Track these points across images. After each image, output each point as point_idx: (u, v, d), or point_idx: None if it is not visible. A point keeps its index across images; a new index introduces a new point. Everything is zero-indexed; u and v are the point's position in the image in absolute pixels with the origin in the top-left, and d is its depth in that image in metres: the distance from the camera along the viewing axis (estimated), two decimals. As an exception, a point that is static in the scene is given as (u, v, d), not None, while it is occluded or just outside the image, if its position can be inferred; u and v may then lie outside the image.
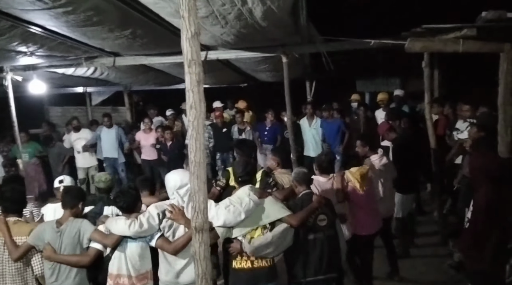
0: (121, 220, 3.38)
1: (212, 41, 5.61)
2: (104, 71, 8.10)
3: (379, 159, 5.01)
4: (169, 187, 3.50)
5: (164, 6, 4.04)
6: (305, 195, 3.88)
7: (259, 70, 8.98)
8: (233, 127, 8.74)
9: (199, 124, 2.61)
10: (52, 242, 3.46)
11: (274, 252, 3.54)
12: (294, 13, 4.88)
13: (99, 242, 3.43)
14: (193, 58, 2.50)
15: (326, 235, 3.77)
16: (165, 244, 3.32)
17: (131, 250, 3.37)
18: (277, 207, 3.61)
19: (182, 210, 3.37)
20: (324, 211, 3.80)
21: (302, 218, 3.62)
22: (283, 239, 3.54)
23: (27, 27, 4.74)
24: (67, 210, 3.59)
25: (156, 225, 3.33)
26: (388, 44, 5.58)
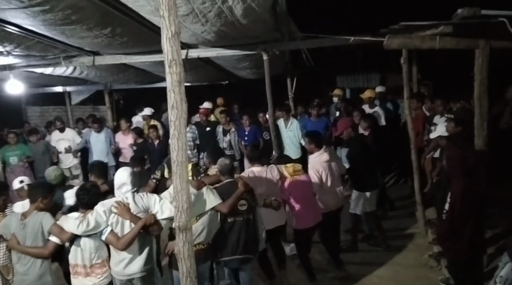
0: (71, 220, 3.66)
1: (193, 39, 5.59)
2: (83, 70, 7.98)
3: (319, 156, 5.18)
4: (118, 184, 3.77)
5: (143, 4, 4.01)
6: (229, 183, 4.22)
7: (240, 67, 8.98)
8: (218, 127, 8.58)
9: (181, 124, 2.61)
10: (17, 233, 3.75)
11: (206, 238, 3.94)
12: (274, 11, 4.90)
13: (56, 235, 3.69)
14: (173, 58, 2.49)
15: (245, 219, 4.15)
16: (114, 240, 3.60)
17: (85, 244, 3.66)
18: (212, 196, 3.97)
19: (127, 206, 3.65)
20: (245, 197, 4.16)
21: (231, 205, 4.01)
22: (211, 225, 3.96)
23: (3, 26, 4.66)
24: (32, 204, 3.84)
25: (103, 222, 3.61)
26: (367, 41, 5.66)
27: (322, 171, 5.10)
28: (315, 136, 5.44)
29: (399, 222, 6.69)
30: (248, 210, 4.17)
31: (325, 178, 5.12)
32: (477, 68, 4.13)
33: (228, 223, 4.10)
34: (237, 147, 8.30)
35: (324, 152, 5.21)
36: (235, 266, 4.25)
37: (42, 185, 4.16)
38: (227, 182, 4.25)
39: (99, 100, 12.27)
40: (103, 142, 8.57)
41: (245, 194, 4.15)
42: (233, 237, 4.09)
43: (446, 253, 4.18)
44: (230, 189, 4.12)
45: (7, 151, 8.04)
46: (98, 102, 12.42)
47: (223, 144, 8.41)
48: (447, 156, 4.03)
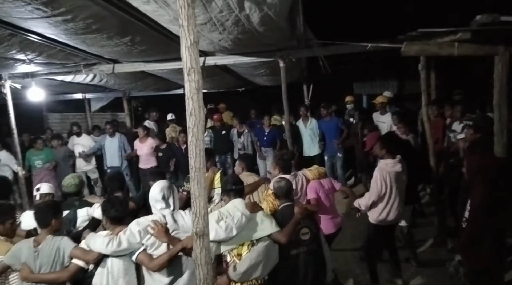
0: (100, 238, 3.28)
1: (210, 47, 5.65)
2: (103, 78, 8.12)
3: (392, 164, 4.76)
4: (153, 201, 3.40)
5: (162, 14, 4.08)
6: (285, 207, 3.73)
7: (257, 74, 9.03)
8: (232, 130, 9.16)
9: (199, 131, 2.64)
10: (29, 261, 3.34)
11: (263, 273, 3.35)
12: (291, 18, 4.93)
13: (80, 259, 3.32)
14: (192, 66, 2.53)
15: (309, 249, 3.64)
16: (146, 260, 3.19)
17: (113, 266, 3.26)
18: (267, 222, 3.46)
19: (164, 227, 3.25)
20: (306, 224, 3.67)
21: (290, 233, 3.47)
22: (268, 257, 3.37)
23: (26, 35, 4.75)
24: (43, 229, 3.46)
25: (136, 243, 3.21)
26: (384, 48, 5.64)
27: (388, 181, 4.71)
28: (389, 142, 4.99)
29: (417, 230, 6.59)
30: (311, 239, 3.66)
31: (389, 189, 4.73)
32: (496, 75, 4.09)
33: (292, 256, 3.57)
34: (249, 147, 8.89)
35: (398, 162, 4.75)
36: None
37: (48, 206, 3.64)
38: (284, 206, 3.74)
39: (117, 107, 12.47)
40: (116, 147, 8.78)
41: (305, 220, 3.66)
42: (300, 271, 3.57)
43: (465, 261, 4.12)
44: (289, 215, 3.61)
45: (33, 155, 8.44)
46: (117, 109, 12.61)
47: (238, 145, 8.99)
48: (467, 164, 3.99)
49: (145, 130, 8.90)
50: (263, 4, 3.81)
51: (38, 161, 8.40)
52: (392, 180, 4.72)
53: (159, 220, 3.29)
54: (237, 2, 3.72)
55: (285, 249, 3.50)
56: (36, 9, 3.74)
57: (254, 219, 3.42)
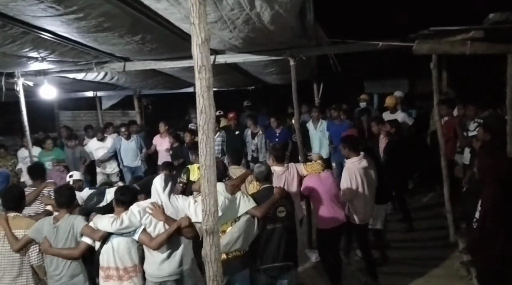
0: (105, 218, 3.77)
1: (221, 45, 5.66)
2: (114, 76, 8.18)
3: (358, 161, 4.98)
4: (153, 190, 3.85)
5: (173, 12, 4.09)
6: (265, 189, 4.22)
7: (267, 73, 9.02)
8: (246, 131, 8.96)
9: (209, 128, 2.65)
10: (49, 236, 3.88)
11: (243, 245, 3.87)
12: (301, 16, 4.92)
13: (88, 236, 3.82)
14: (203, 64, 2.54)
15: (284, 225, 4.09)
16: (147, 239, 3.67)
17: (118, 244, 3.73)
18: (245, 201, 3.96)
19: (161, 208, 3.73)
20: (283, 203, 4.13)
21: (265, 209, 3.97)
22: (248, 231, 3.88)
23: (39, 33, 4.80)
24: (62, 209, 4.02)
25: (137, 221, 3.68)
26: (396, 46, 5.60)
27: (359, 178, 4.90)
28: (350, 140, 5.26)
29: (428, 231, 6.56)
30: (287, 217, 4.13)
31: (361, 186, 4.91)
32: (509, 74, 4.05)
33: (268, 230, 4.06)
34: (263, 149, 8.54)
35: (363, 158, 5.00)
36: (275, 274, 4.16)
37: (70, 190, 4.32)
38: (264, 187, 4.25)
39: (128, 105, 12.57)
40: (134, 149, 8.78)
41: (283, 200, 4.13)
42: (273, 244, 4.04)
43: (476, 263, 4.08)
44: (266, 195, 4.11)
45: (43, 156, 8.33)
46: (127, 107, 12.72)
47: (252, 146, 8.73)
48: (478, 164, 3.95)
49: (166, 126, 8.92)
50: (274, 2, 3.81)
51: (48, 162, 8.18)
52: (362, 177, 4.91)
53: (157, 202, 3.77)
54: (248, 0, 3.72)
55: (262, 224, 4.02)
56: (49, 7, 3.78)
57: (235, 200, 3.92)
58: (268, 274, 4.13)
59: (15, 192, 4.34)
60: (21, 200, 4.31)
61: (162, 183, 3.83)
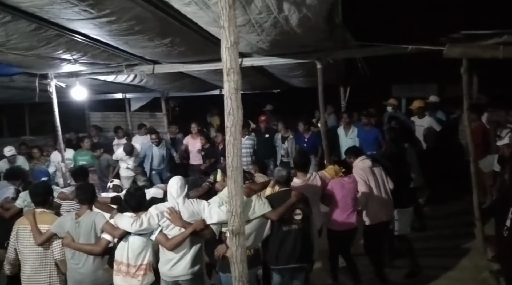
0: (126, 218, 3.91)
1: (248, 48, 5.71)
2: (143, 78, 8.34)
3: (361, 161, 5.15)
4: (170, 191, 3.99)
5: (202, 16, 4.16)
6: (283, 192, 4.31)
7: (293, 76, 9.02)
8: (277, 135, 8.82)
9: (236, 130, 2.68)
10: (71, 231, 4.01)
11: (254, 243, 4.02)
12: (329, 19, 4.91)
13: (108, 233, 3.96)
14: (231, 67, 2.58)
15: (300, 228, 4.18)
16: (163, 240, 3.83)
17: (133, 242, 3.88)
18: (261, 203, 4.07)
19: (179, 214, 3.87)
20: (300, 207, 4.20)
21: (281, 213, 4.08)
22: (259, 230, 4.03)
23: (72, 36, 4.95)
24: (84, 205, 4.17)
25: (155, 224, 3.85)
26: (425, 50, 5.51)
27: (367, 177, 5.03)
28: (352, 150, 5.54)
29: (456, 238, 6.41)
30: (303, 220, 4.20)
31: (371, 184, 5.03)
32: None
33: (284, 231, 4.15)
34: (293, 154, 8.37)
35: (365, 158, 5.21)
36: (290, 274, 4.28)
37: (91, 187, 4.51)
38: (281, 191, 4.34)
39: (155, 107, 12.75)
40: (163, 156, 8.86)
41: (299, 204, 4.20)
42: (289, 246, 4.13)
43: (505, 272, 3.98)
44: (283, 198, 4.19)
45: (79, 155, 8.58)
46: (155, 109, 12.90)
47: (281, 151, 8.61)
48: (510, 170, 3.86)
49: (199, 127, 9.02)
50: (302, 5, 3.82)
51: (82, 162, 8.36)
52: (368, 175, 5.03)
53: (173, 206, 3.90)
54: (276, 4, 3.75)
55: (278, 225, 4.13)
56: (83, 11, 3.90)
57: (250, 202, 4.01)
58: (283, 274, 4.25)
59: (42, 188, 4.49)
60: (47, 195, 4.40)
61: (178, 189, 3.96)
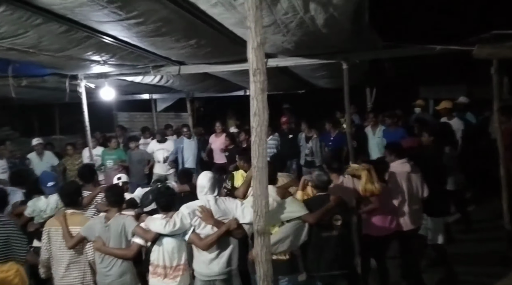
0: (158, 220, 3.85)
1: (273, 49, 5.71)
2: (169, 79, 8.44)
3: (400, 165, 4.97)
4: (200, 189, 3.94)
5: (228, 17, 4.19)
6: (320, 196, 4.20)
7: (317, 76, 8.96)
8: (300, 134, 8.91)
9: (262, 131, 2.70)
10: (101, 235, 3.96)
11: (290, 247, 3.90)
12: (355, 19, 4.86)
13: (140, 236, 3.91)
14: (258, 67, 2.59)
15: (340, 234, 4.07)
16: (197, 240, 3.77)
17: (167, 244, 3.82)
18: (297, 206, 3.99)
19: (210, 212, 3.80)
20: (339, 212, 4.10)
21: (319, 217, 3.96)
22: (296, 234, 3.91)
23: (101, 38, 5.04)
24: (114, 208, 4.11)
25: (187, 223, 3.78)
26: (454, 50, 5.40)
27: (401, 182, 4.89)
28: (395, 147, 5.26)
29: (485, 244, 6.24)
30: (343, 225, 4.11)
31: (404, 191, 4.88)
32: None
33: (323, 238, 4.05)
34: (318, 153, 8.45)
35: (406, 162, 4.99)
36: (331, 281, 4.15)
37: (122, 190, 4.49)
38: (319, 195, 4.24)
39: (181, 107, 12.91)
40: (194, 149, 8.94)
41: (338, 209, 4.10)
42: (329, 252, 4.03)
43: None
44: (321, 202, 4.10)
45: (106, 154, 8.77)
46: (180, 109, 13.06)
47: (306, 150, 8.66)
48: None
49: (223, 126, 9.11)
50: (328, 5, 3.80)
51: (109, 161, 8.59)
52: (403, 181, 4.86)
53: (204, 205, 3.83)
54: (302, 4, 3.74)
55: (317, 231, 4.01)
56: (112, 13, 3.97)
57: (284, 204, 3.95)
58: (324, 281, 4.11)
59: (71, 188, 4.46)
60: (77, 195, 4.36)
61: (209, 186, 3.89)
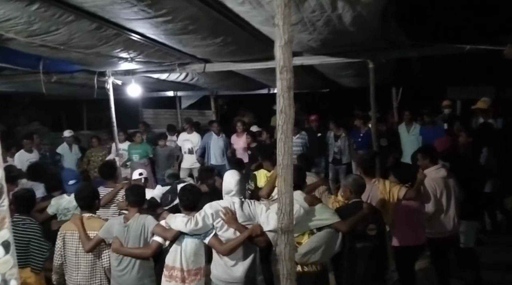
0: (179, 217, 3.67)
1: (298, 47, 5.69)
2: (194, 77, 8.51)
3: (435, 171, 4.77)
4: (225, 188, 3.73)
5: (255, 15, 4.19)
6: (355, 203, 3.96)
7: (343, 75, 8.89)
8: (329, 133, 8.97)
9: (288, 128, 2.68)
10: (119, 236, 3.81)
11: (322, 258, 3.66)
12: (383, 18, 4.80)
13: (160, 235, 3.74)
14: (285, 65, 2.59)
15: (374, 244, 3.83)
16: (217, 244, 3.57)
17: (187, 245, 3.64)
18: (327, 213, 3.74)
19: (234, 215, 3.57)
20: (373, 220, 3.86)
21: (352, 225, 3.71)
22: (329, 245, 3.65)
23: (130, 35, 5.12)
24: (133, 208, 3.97)
25: (210, 224, 3.58)
26: (484, 50, 5.28)
27: (437, 188, 4.70)
28: (429, 151, 5.06)
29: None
30: (377, 235, 3.88)
31: (440, 197, 4.71)
32: None
33: (357, 248, 3.82)
34: (346, 151, 8.54)
35: (441, 167, 4.81)
36: None
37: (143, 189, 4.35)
38: (353, 202, 4.01)
39: (205, 105, 13.00)
40: (222, 145, 9.03)
41: (372, 217, 3.88)
42: (363, 263, 3.79)
43: None
44: (354, 210, 3.87)
45: (132, 148, 9.07)
46: (204, 107, 13.16)
47: (334, 148, 8.76)
48: None
49: (244, 125, 9.15)
50: (357, 4, 3.77)
51: (135, 155, 8.93)
52: (441, 187, 4.68)
53: (229, 206, 3.61)
54: (330, 2, 3.71)
55: (350, 241, 3.76)
56: (141, 10, 4.03)
57: (313, 211, 3.70)
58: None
59: (88, 192, 4.22)
60: (94, 199, 4.20)
61: (234, 185, 3.67)
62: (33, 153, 8.34)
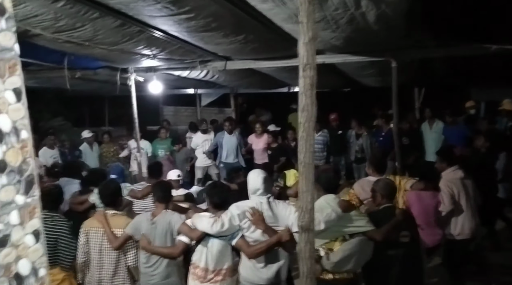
0: (205, 218, 3.55)
1: (321, 45, 5.65)
2: (215, 74, 8.55)
3: (453, 172, 4.72)
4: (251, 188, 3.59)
5: (277, 12, 4.19)
6: (386, 208, 3.78)
7: (364, 74, 8.82)
8: (350, 131, 8.96)
9: (310, 126, 2.67)
10: (147, 233, 3.75)
11: (355, 266, 3.52)
12: (408, 16, 4.73)
13: (185, 234, 3.66)
14: (308, 62, 2.57)
15: (407, 252, 3.65)
16: (244, 246, 3.44)
17: (213, 246, 3.53)
18: (362, 221, 3.57)
19: (262, 216, 3.43)
20: (406, 227, 3.69)
21: (386, 233, 3.55)
22: (362, 252, 3.50)
23: (152, 32, 5.17)
24: (161, 204, 3.91)
25: (236, 225, 3.44)
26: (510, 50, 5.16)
27: (455, 190, 4.62)
28: (447, 153, 5.01)
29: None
30: (411, 243, 3.71)
31: (458, 198, 4.63)
32: None
33: (389, 256, 3.63)
34: (368, 150, 8.48)
35: (458, 168, 4.73)
36: None
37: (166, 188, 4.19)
38: (385, 207, 3.80)
39: (224, 103, 13.04)
40: (234, 144, 8.92)
41: (405, 224, 3.71)
42: (396, 272, 3.60)
43: None
44: (388, 216, 3.68)
45: (157, 143, 9.32)
46: (223, 105, 13.20)
47: (355, 147, 8.73)
48: None
49: (263, 126, 9.14)
50: (381, 2, 3.73)
51: (161, 150, 9.19)
52: (458, 188, 4.60)
53: (256, 206, 3.47)
54: (354, 0, 3.69)
55: (382, 248, 3.57)
56: (165, 8, 4.07)
57: (346, 217, 3.54)
58: None
59: (111, 188, 4.16)
60: (116, 196, 4.13)
61: (261, 185, 3.51)
62: (55, 150, 8.52)
